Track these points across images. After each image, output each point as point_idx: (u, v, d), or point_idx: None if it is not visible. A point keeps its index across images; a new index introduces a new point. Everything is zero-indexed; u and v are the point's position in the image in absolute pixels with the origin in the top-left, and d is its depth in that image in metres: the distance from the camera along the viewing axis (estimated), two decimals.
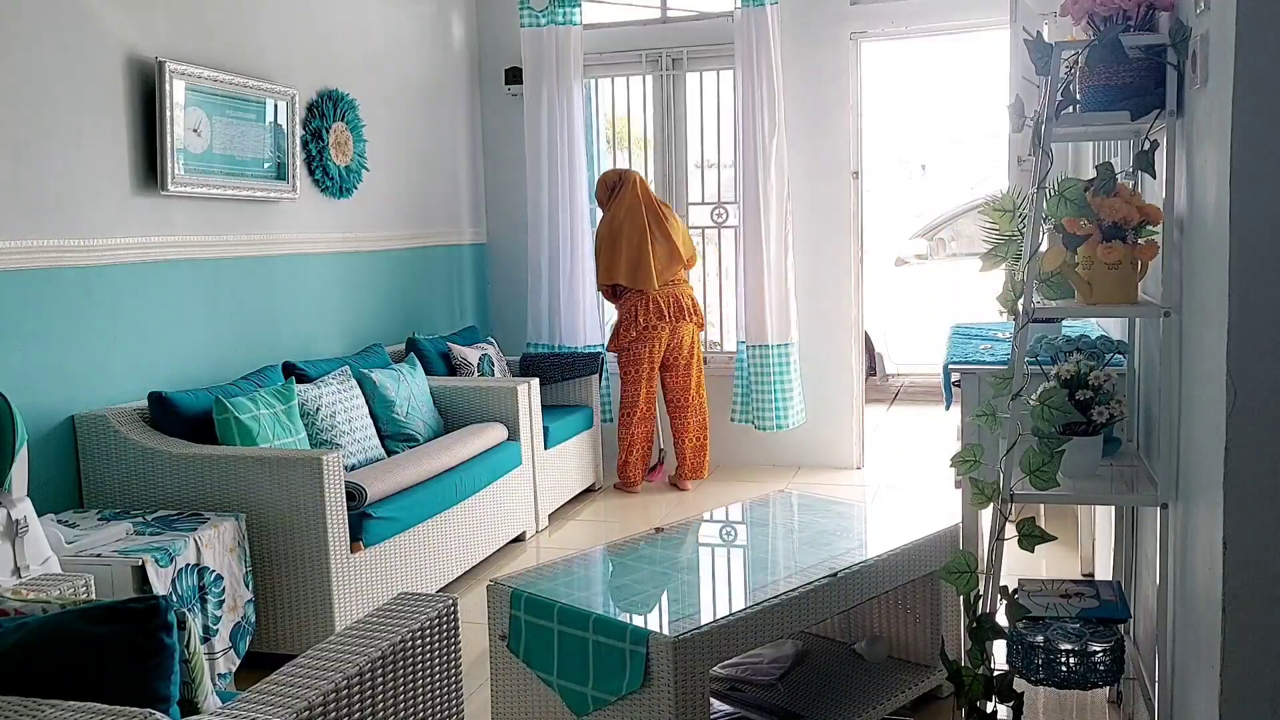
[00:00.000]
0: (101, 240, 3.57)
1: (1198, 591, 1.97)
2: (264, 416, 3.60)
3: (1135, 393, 2.84)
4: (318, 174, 4.67)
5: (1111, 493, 2.56)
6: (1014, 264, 2.54)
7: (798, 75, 5.65)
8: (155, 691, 1.56)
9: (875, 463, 5.99)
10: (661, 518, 4.95)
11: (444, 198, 5.85)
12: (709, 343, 6.30)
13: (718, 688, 2.92)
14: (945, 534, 3.01)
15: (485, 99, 6.23)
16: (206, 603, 3.06)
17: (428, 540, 3.89)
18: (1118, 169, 2.35)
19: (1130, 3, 2.25)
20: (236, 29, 4.21)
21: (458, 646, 2.05)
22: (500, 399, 4.69)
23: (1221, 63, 1.77)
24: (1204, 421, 1.92)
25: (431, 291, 5.72)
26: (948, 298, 7.70)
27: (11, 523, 2.55)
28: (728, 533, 3.28)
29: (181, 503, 3.38)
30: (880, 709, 2.83)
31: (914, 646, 3.09)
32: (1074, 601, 2.52)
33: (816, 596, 2.59)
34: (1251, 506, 1.72)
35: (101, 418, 3.46)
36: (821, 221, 5.75)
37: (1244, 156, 1.68)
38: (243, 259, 4.25)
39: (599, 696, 2.37)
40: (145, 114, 3.74)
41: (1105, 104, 2.29)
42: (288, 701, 1.62)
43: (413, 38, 5.55)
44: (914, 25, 5.54)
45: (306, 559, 3.32)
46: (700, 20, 5.91)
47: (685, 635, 2.28)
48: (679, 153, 6.01)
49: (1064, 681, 2.38)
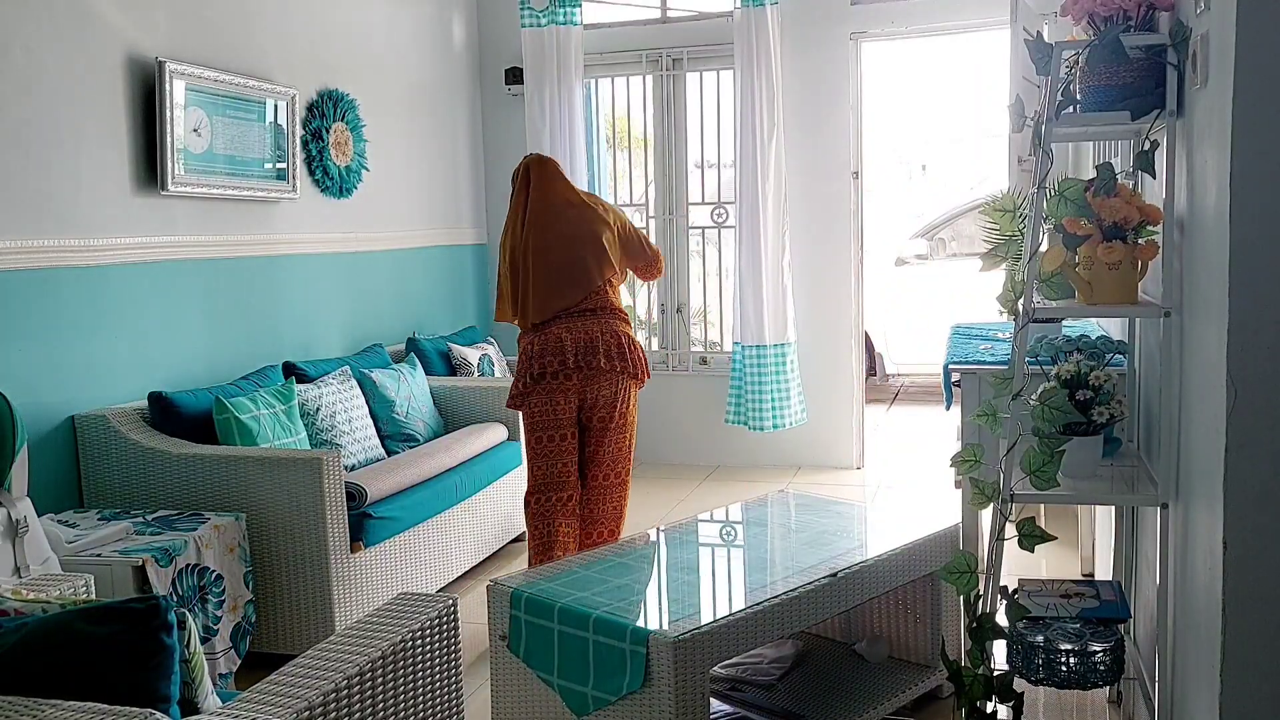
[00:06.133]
0: (102, 240, 3.57)
1: (1198, 591, 1.97)
2: (264, 416, 3.60)
3: (1135, 393, 2.84)
4: (318, 174, 4.67)
5: (1111, 493, 2.56)
6: (1014, 264, 2.54)
7: (797, 75, 5.65)
8: (155, 691, 1.56)
9: (875, 463, 5.99)
10: (662, 517, 4.95)
11: (444, 198, 5.85)
12: (708, 343, 6.31)
13: (718, 688, 2.92)
14: (945, 534, 3.01)
15: (485, 99, 6.23)
16: (206, 603, 3.06)
17: (428, 540, 3.89)
18: (1118, 169, 2.35)
19: (1130, 3, 2.25)
20: (236, 29, 4.21)
21: (458, 646, 2.05)
22: (500, 399, 4.68)
23: (1221, 63, 1.77)
24: (1204, 421, 1.92)
25: (431, 291, 5.72)
26: (948, 298, 7.70)
27: (11, 523, 2.55)
28: (727, 533, 3.27)
29: (181, 503, 3.38)
30: (880, 709, 2.83)
31: (914, 646, 3.09)
32: (1074, 601, 2.52)
33: (816, 596, 2.59)
34: (1251, 506, 1.72)
35: (101, 418, 3.46)
36: (821, 221, 5.75)
37: (1244, 156, 1.68)
38: (243, 259, 4.25)
39: (599, 696, 2.37)
40: (145, 114, 3.74)
41: (1105, 104, 2.29)
42: (288, 701, 1.62)
43: (413, 38, 5.55)
44: (914, 25, 5.54)
45: (306, 559, 3.32)
46: (700, 20, 5.91)
47: (685, 635, 2.28)
48: (679, 153, 6.01)
49: (1064, 681, 2.38)
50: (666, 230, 6.06)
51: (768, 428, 5.66)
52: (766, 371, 5.64)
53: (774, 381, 5.64)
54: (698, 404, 6.04)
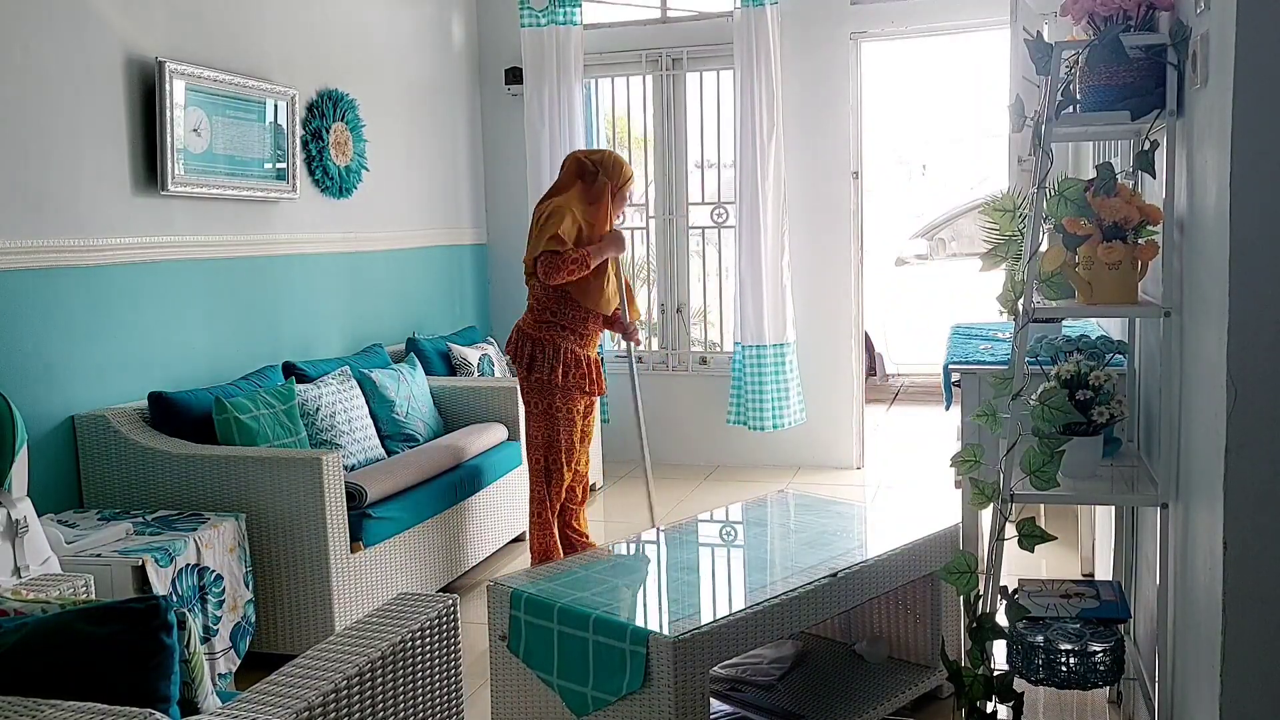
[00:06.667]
0: (102, 240, 3.57)
1: (1198, 591, 1.97)
2: (264, 416, 3.60)
3: (1135, 393, 2.84)
4: (318, 174, 4.67)
5: (1111, 493, 2.56)
6: (1014, 264, 2.54)
7: (797, 75, 5.65)
8: (155, 691, 1.56)
9: (875, 463, 5.99)
10: (662, 517, 4.95)
11: (444, 198, 5.85)
12: (708, 343, 6.31)
13: (718, 688, 2.92)
14: (945, 534, 3.01)
15: (485, 99, 6.23)
16: (206, 603, 3.06)
17: (428, 540, 3.89)
18: (1118, 169, 2.35)
19: (1130, 3, 2.25)
20: (236, 29, 4.21)
21: (458, 646, 2.05)
22: (500, 399, 4.69)
23: (1221, 63, 1.77)
24: (1204, 421, 1.92)
25: (431, 291, 5.72)
26: (948, 298, 7.70)
27: (11, 523, 2.55)
28: (727, 533, 3.27)
29: (181, 503, 3.38)
30: (880, 709, 2.83)
31: (914, 646, 3.09)
32: (1074, 601, 2.52)
33: (816, 596, 2.59)
34: (1251, 507, 1.72)
35: (101, 418, 3.46)
36: (821, 222, 5.75)
37: (1244, 156, 1.68)
38: (243, 259, 4.25)
39: (599, 696, 2.37)
40: (145, 114, 3.73)
41: (1105, 104, 2.29)
42: (288, 701, 1.62)
43: (413, 38, 5.55)
44: (914, 25, 5.54)
45: (306, 559, 3.32)
46: (700, 20, 5.91)
47: (685, 635, 2.28)
48: (679, 153, 6.01)
49: (1064, 681, 2.38)
50: (666, 230, 6.06)
51: (768, 428, 5.66)
52: (766, 371, 5.64)
53: (774, 381, 5.64)
54: (698, 404, 6.04)
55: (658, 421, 6.04)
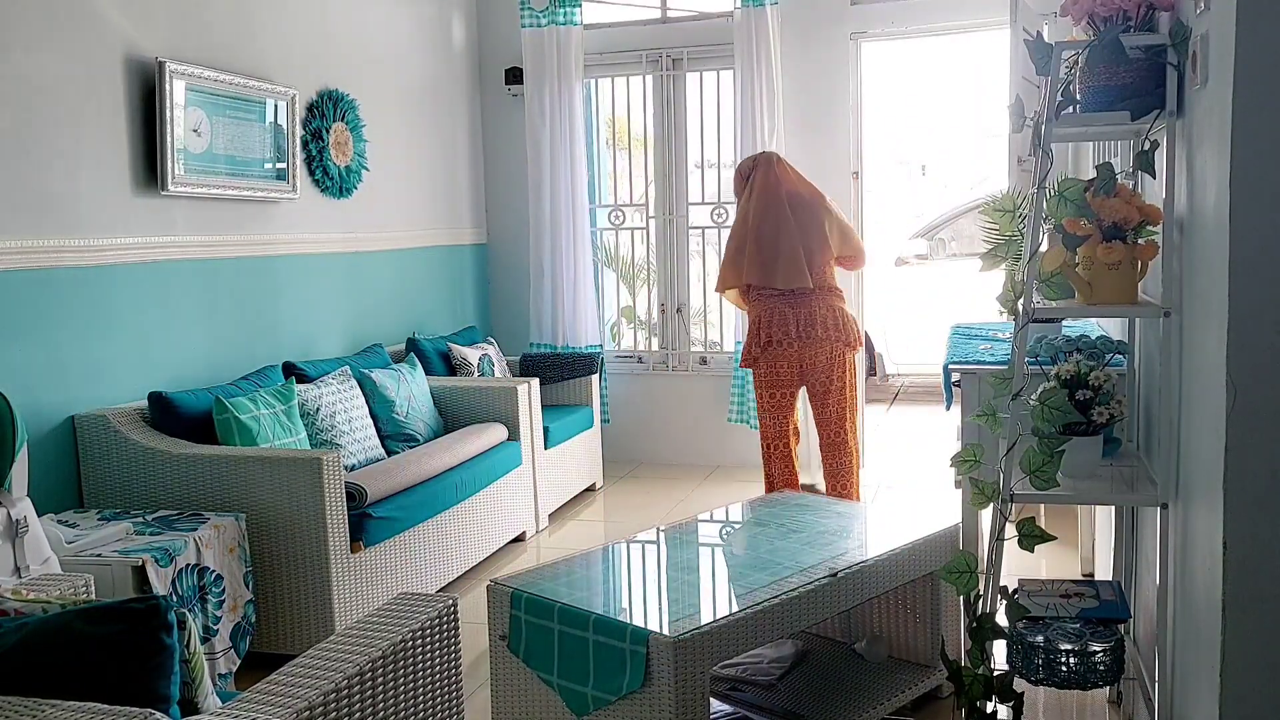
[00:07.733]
0: (101, 240, 3.57)
1: (1198, 591, 1.97)
2: (264, 416, 3.60)
3: (1135, 393, 2.84)
4: (318, 174, 4.67)
5: (1111, 493, 2.56)
6: (1014, 264, 2.54)
7: (797, 75, 5.65)
8: (155, 691, 1.56)
9: (875, 463, 5.99)
10: (662, 517, 4.95)
11: (444, 198, 5.85)
12: (708, 343, 6.31)
13: (718, 688, 2.92)
14: (945, 534, 3.01)
15: (485, 99, 6.23)
16: (206, 603, 3.06)
17: (428, 540, 3.89)
18: (1118, 169, 2.35)
19: (1130, 3, 2.25)
20: (236, 29, 4.21)
21: (458, 646, 2.05)
22: (500, 399, 4.69)
23: (1221, 63, 1.77)
24: (1204, 421, 1.92)
25: (431, 291, 5.72)
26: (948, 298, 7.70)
27: (11, 523, 2.55)
28: (728, 533, 3.27)
29: (181, 503, 3.38)
30: (880, 709, 2.83)
31: (914, 646, 3.09)
32: (1074, 601, 2.52)
33: (816, 596, 2.59)
34: (1251, 507, 1.72)
35: (101, 418, 3.46)
36: None
37: (1244, 156, 1.68)
38: (243, 259, 4.25)
39: (599, 696, 2.37)
40: (145, 114, 3.74)
41: (1105, 104, 2.29)
42: (288, 701, 1.62)
43: (413, 38, 5.55)
44: (914, 25, 5.54)
45: (306, 559, 3.32)
46: (700, 20, 5.91)
47: (685, 635, 2.28)
48: (679, 153, 6.01)
49: (1064, 681, 2.38)
50: (666, 230, 6.06)
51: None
52: None
53: None
54: (698, 404, 6.04)
55: (658, 421, 6.04)
